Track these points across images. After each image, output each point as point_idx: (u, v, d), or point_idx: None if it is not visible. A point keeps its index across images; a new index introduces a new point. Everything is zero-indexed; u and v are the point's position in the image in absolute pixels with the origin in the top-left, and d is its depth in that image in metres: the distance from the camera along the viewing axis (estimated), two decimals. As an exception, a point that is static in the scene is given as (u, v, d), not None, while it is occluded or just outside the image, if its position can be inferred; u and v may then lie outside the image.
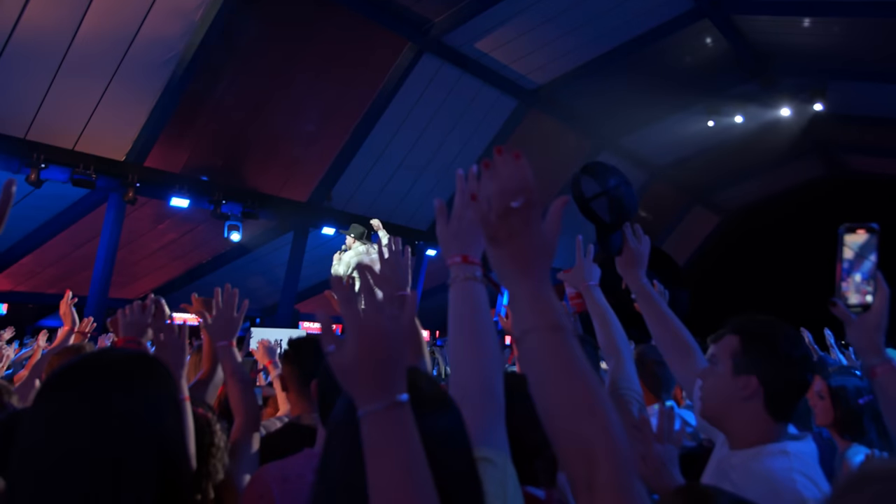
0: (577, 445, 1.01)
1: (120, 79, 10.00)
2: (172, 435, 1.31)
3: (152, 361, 1.39)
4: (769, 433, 1.82)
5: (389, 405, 1.02)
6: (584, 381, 1.05)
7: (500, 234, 1.14)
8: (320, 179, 13.59)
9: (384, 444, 1.01)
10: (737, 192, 22.46)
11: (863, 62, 13.85)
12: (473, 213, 1.49)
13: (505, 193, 1.14)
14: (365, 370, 1.03)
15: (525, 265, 1.13)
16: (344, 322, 1.06)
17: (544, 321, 1.09)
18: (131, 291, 14.83)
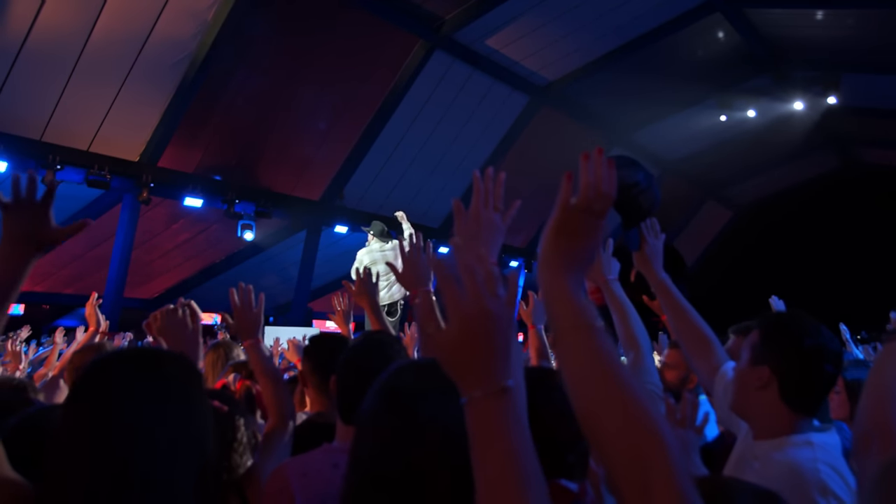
0: (626, 449, 0.98)
1: (133, 80, 10.06)
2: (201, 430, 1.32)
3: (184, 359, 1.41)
4: (792, 424, 1.83)
5: (496, 391, 0.99)
6: (626, 381, 1.04)
7: (570, 226, 1.15)
8: (332, 178, 13.62)
9: (491, 431, 0.97)
10: (750, 187, 22.34)
11: (877, 54, 13.74)
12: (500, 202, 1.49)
13: (594, 190, 1.14)
14: (469, 354, 1.00)
15: (573, 264, 1.15)
16: (445, 303, 1.02)
17: (583, 319, 1.09)
18: (146, 291, 14.93)
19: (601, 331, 1.08)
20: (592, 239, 1.15)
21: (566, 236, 1.15)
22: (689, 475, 0.96)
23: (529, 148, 15.32)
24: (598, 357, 1.06)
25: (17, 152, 9.66)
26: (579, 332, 1.08)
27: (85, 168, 10.20)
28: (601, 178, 1.14)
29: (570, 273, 1.14)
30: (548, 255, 1.16)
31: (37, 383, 3.67)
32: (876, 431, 1.52)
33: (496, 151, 15.08)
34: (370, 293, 2.85)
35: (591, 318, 1.09)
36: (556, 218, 1.15)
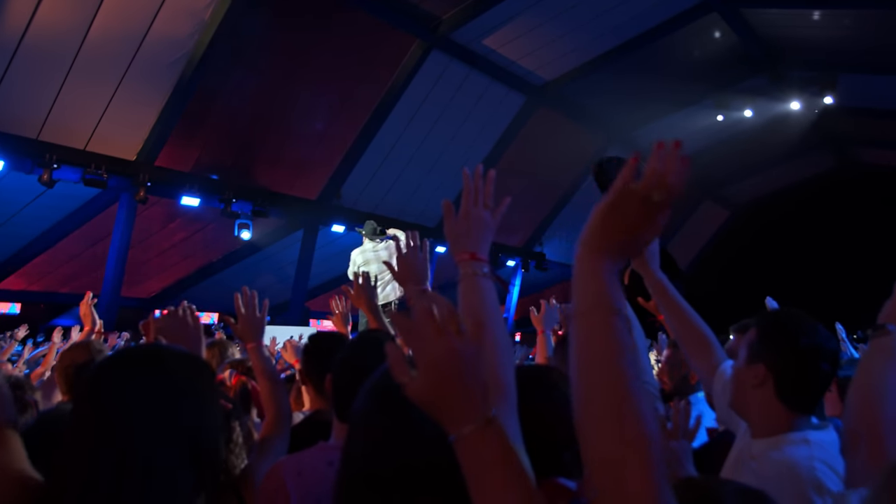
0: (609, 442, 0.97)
1: (130, 79, 10.05)
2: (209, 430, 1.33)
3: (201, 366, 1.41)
4: (789, 422, 1.83)
5: (480, 425, 1.00)
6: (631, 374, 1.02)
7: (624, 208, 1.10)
8: (330, 177, 13.62)
9: (483, 464, 0.99)
10: (746, 186, 22.38)
11: (874, 54, 13.77)
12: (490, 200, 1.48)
13: (658, 178, 1.09)
14: (445, 398, 1.01)
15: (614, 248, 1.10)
16: (412, 352, 1.03)
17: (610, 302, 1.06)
18: (143, 290, 14.92)
19: (622, 317, 1.05)
20: (643, 228, 1.09)
21: (617, 217, 1.09)
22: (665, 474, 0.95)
23: (526, 147, 15.33)
24: (610, 341, 1.03)
25: (13, 151, 9.64)
26: (600, 312, 1.05)
27: (82, 167, 10.18)
28: (671, 170, 1.10)
29: (609, 256, 1.09)
30: (591, 233, 1.11)
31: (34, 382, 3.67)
32: (863, 430, 1.52)
33: (493, 151, 15.08)
34: (369, 296, 2.87)
35: (616, 302, 1.06)
36: (611, 198, 1.10)
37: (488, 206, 1.61)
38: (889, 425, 1.50)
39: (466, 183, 1.57)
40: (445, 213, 1.56)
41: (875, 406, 1.53)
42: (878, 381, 1.56)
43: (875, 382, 1.56)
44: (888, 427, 1.50)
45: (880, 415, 1.52)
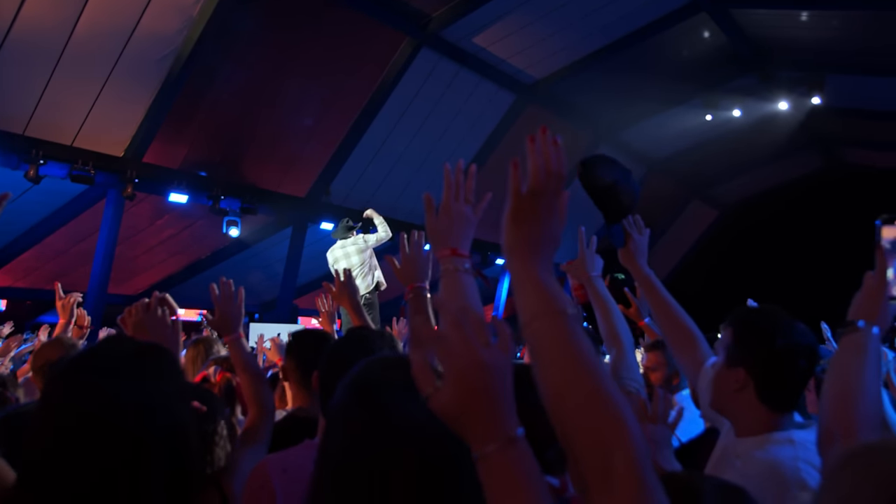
0: (589, 434, 0.97)
1: (118, 74, 9.98)
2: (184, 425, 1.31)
3: (163, 352, 1.40)
4: (772, 422, 1.85)
5: (505, 443, 0.97)
6: (593, 367, 1.03)
7: (527, 211, 1.13)
8: (319, 174, 13.59)
9: (507, 485, 0.95)
10: (735, 186, 22.45)
11: (861, 55, 13.85)
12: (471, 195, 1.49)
13: (544, 171, 1.13)
14: (471, 413, 0.97)
15: (538, 249, 1.13)
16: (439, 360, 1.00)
17: (553, 306, 1.07)
18: (130, 287, 14.84)
19: (573, 317, 1.07)
20: (552, 220, 1.13)
21: (525, 223, 1.13)
22: (650, 463, 0.96)
23: (516, 146, 15.27)
24: (568, 343, 1.04)
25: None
26: (550, 318, 1.06)
27: (69, 163, 10.11)
28: (549, 158, 1.12)
29: (538, 259, 1.12)
30: (511, 245, 1.14)
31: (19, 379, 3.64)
32: (837, 427, 1.54)
33: (483, 149, 15.08)
34: (350, 293, 2.87)
35: (562, 305, 1.07)
36: (510, 206, 1.13)
37: (469, 201, 1.61)
38: (862, 422, 1.52)
39: (447, 178, 1.57)
40: (426, 209, 1.56)
41: (848, 403, 1.55)
42: (850, 377, 1.57)
43: (847, 379, 1.58)
44: (862, 423, 1.52)
45: (854, 411, 1.53)
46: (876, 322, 1.63)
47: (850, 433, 1.51)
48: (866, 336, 1.62)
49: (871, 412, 1.55)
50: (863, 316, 1.63)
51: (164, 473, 1.24)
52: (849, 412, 1.54)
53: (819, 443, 1.60)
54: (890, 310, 1.65)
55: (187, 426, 1.31)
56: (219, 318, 2.42)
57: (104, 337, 6.74)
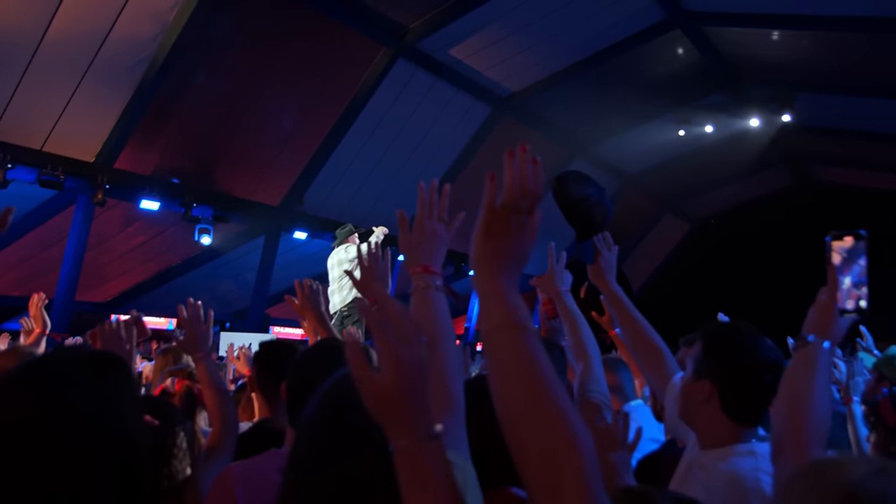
0: (541, 449, 0.99)
1: (90, 79, 9.88)
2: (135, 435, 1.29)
3: (116, 361, 1.37)
4: (735, 435, 1.89)
5: (425, 437, 1.01)
6: (548, 383, 1.04)
7: (498, 226, 1.15)
8: (293, 183, 13.52)
9: (421, 477, 1.00)
10: (707, 201, 22.72)
11: (829, 75, 14.14)
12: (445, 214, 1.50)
13: (518, 188, 1.14)
14: (402, 403, 1.01)
15: (505, 264, 1.15)
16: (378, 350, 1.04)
17: (514, 320, 1.09)
18: (99, 294, 14.65)
19: (532, 332, 1.09)
20: (522, 237, 1.15)
21: (495, 237, 1.15)
22: (601, 483, 0.97)
23: (491, 158, 15.38)
24: (525, 358, 1.06)
25: (-33, 150, 9.43)
26: (510, 331, 1.08)
27: (38, 168, 9.97)
28: (526, 176, 1.14)
29: (503, 273, 1.14)
30: (479, 257, 1.16)
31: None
32: (788, 439, 1.58)
33: (458, 161, 15.11)
34: (313, 304, 2.86)
35: (523, 319, 1.10)
36: (483, 219, 1.15)
37: (443, 219, 1.63)
38: (812, 434, 1.57)
39: (421, 196, 1.59)
40: (400, 225, 1.58)
41: (799, 415, 1.59)
42: (801, 390, 1.62)
43: (798, 392, 1.62)
44: (811, 436, 1.56)
45: (804, 424, 1.57)
46: (827, 336, 1.66)
47: (800, 443, 1.55)
48: (817, 350, 1.65)
49: (820, 424, 1.59)
50: (814, 330, 1.67)
51: (114, 483, 1.22)
52: (799, 423, 1.58)
53: (771, 453, 1.63)
54: (841, 324, 1.69)
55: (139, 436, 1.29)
56: (187, 337, 2.44)
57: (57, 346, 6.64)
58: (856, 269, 1.71)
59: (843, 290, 1.69)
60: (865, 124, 15.76)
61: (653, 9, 12.81)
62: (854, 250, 1.72)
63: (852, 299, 1.70)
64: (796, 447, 1.53)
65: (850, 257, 1.72)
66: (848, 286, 1.71)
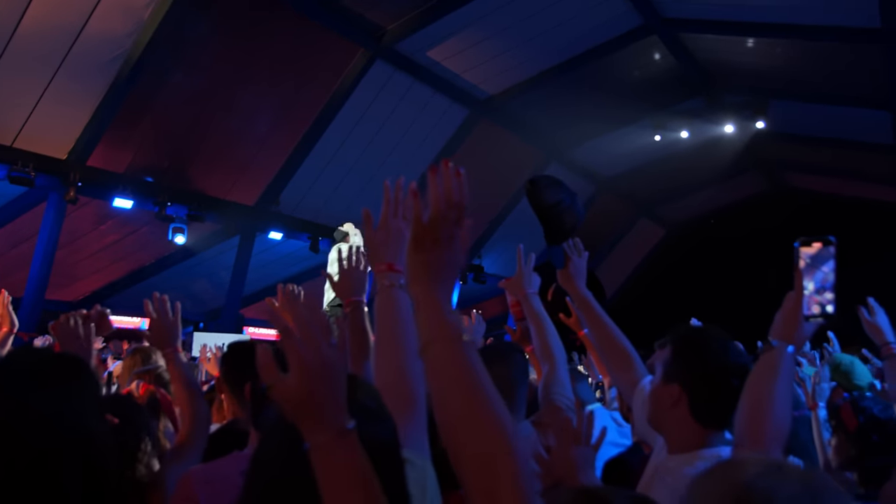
0: (478, 458, 1.01)
1: (63, 75, 9.76)
2: (97, 436, 1.28)
3: (77, 362, 1.36)
4: (703, 439, 1.90)
5: (337, 434, 1.03)
6: (485, 394, 1.06)
7: (428, 239, 1.16)
8: (268, 183, 13.45)
9: (337, 473, 1.02)
10: (682, 206, 22.92)
11: (802, 83, 14.33)
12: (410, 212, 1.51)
13: (444, 201, 1.16)
14: (310, 403, 1.04)
15: (438, 276, 1.17)
16: (286, 354, 1.07)
17: (449, 332, 1.11)
18: (70, 293, 14.46)
19: (468, 344, 1.11)
20: (453, 248, 1.17)
21: (426, 250, 1.17)
22: (535, 488, 1.00)
23: (468, 160, 15.31)
24: (461, 369, 1.08)
25: (-65, 145, 9.28)
26: (445, 343, 1.11)
27: (8, 164, 9.83)
28: (451, 189, 1.17)
29: (437, 285, 1.16)
30: (412, 270, 1.18)
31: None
32: (747, 439, 1.60)
33: (435, 162, 15.03)
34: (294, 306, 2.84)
35: (457, 331, 1.12)
36: (413, 234, 1.18)
37: (407, 218, 1.63)
38: (771, 437, 1.59)
39: (387, 194, 1.59)
40: (364, 223, 1.58)
41: (759, 418, 1.62)
42: (762, 393, 1.64)
43: (760, 395, 1.65)
44: (770, 438, 1.59)
45: (764, 426, 1.60)
46: (791, 341, 1.69)
47: (759, 445, 1.58)
48: (780, 354, 1.68)
49: (780, 426, 1.62)
50: (779, 335, 1.70)
51: (77, 484, 1.21)
52: (758, 425, 1.60)
53: (732, 454, 1.65)
54: (806, 329, 1.71)
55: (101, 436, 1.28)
56: (154, 333, 2.40)
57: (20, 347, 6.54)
58: (819, 275, 1.74)
59: (807, 296, 1.72)
60: (837, 132, 15.99)
61: (630, 14, 12.90)
62: (820, 256, 1.74)
63: (816, 304, 1.72)
64: (755, 448, 1.56)
65: (815, 263, 1.74)
66: (811, 291, 1.73)
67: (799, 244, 1.76)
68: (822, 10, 11.18)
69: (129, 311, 13.77)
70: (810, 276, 1.73)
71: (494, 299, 19.04)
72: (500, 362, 2.42)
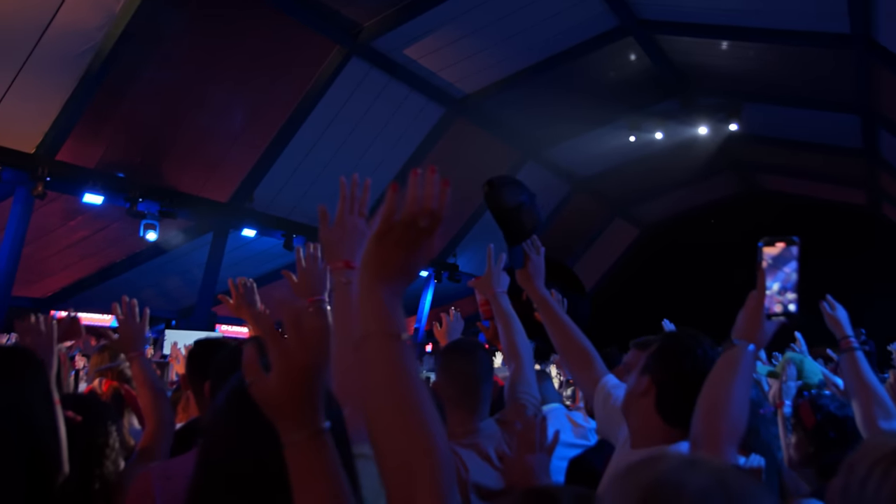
0: (398, 461, 1.02)
1: (31, 68, 9.59)
2: (43, 430, 1.26)
3: (25, 355, 1.34)
4: (665, 435, 1.92)
5: (313, 433, 1.06)
6: (413, 393, 1.06)
7: (392, 238, 1.15)
8: (242, 180, 13.34)
9: (311, 471, 1.05)
10: (656, 206, 23.12)
11: (775, 87, 14.50)
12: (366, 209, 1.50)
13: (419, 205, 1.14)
14: (291, 402, 1.06)
15: (390, 273, 1.15)
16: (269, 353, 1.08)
17: (388, 328, 1.11)
18: (39, 290, 14.27)
19: (404, 343, 1.10)
20: (415, 254, 1.16)
21: (386, 246, 1.15)
22: (455, 495, 1.00)
23: (444, 159, 15.39)
24: (393, 367, 1.08)
25: None
26: (383, 339, 1.10)
27: (-28, 158, 9.67)
28: (430, 196, 1.15)
29: (387, 282, 1.15)
30: (367, 260, 1.17)
31: None
32: (703, 439, 1.62)
33: (410, 161, 15.09)
34: (248, 304, 2.82)
35: (397, 328, 1.11)
36: (378, 227, 1.16)
37: (363, 214, 1.63)
38: (727, 435, 1.61)
39: (343, 190, 1.59)
40: (320, 220, 1.57)
41: (716, 416, 1.63)
42: (721, 391, 1.66)
43: (719, 393, 1.66)
44: (726, 436, 1.61)
45: (720, 424, 1.62)
46: (752, 340, 1.71)
47: (714, 442, 1.60)
48: (741, 353, 1.69)
49: (736, 424, 1.64)
50: (741, 334, 1.71)
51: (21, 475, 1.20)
52: (716, 424, 1.62)
53: (690, 451, 1.67)
54: (768, 328, 1.72)
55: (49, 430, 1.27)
56: (121, 336, 2.40)
57: None
58: (782, 275, 1.75)
59: (770, 295, 1.73)
60: (808, 136, 16.22)
61: (606, 16, 12.98)
62: (783, 256, 1.75)
63: (778, 304, 1.73)
64: (710, 446, 1.58)
65: (778, 263, 1.76)
66: (774, 291, 1.74)
67: (763, 244, 1.77)
68: (794, 15, 11.31)
69: (100, 308, 13.59)
70: (773, 276, 1.75)
71: (469, 298, 19.06)
72: (464, 359, 2.43)
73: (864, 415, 2.42)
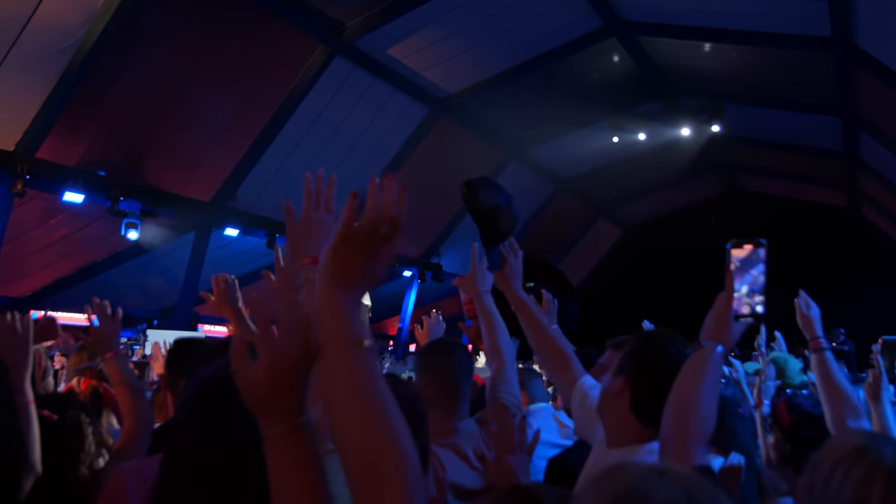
0: (366, 464, 1.01)
1: (11, 64, 9.49)
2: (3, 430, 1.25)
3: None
4: (640, 434, 1.94)
5: (295, 427, 1.06)
6: (377, 398, 1.06)
7: (351, 245, 1.15)
8: (225, 179, 13.26)
9: (291, 464, 1.05)
10: (639, 207, 23.23)
11: (757, 89, 14.62)
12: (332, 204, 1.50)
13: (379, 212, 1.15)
14: (275, 395, 1.06)
15: (350, 280, 1.15)
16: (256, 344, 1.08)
17: (349, 334, 1.10)
18: (17, 289, 14.12)
19: (367, 349, 1.10)
20: (376, 260, 1.16)
21: (347, 253, 1.16)
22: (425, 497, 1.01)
23: (428, 159, 15.40)
24: (356, 372, 1.08)
25: None
26: (344, 345, 1.10)
27: (-50, 155, 9.56)
28: (389, 203, 1.16)
29: (347, 288, 1.15)
30: (327, 267, 1.17)
31: None
32: (671, 438, 1.62)
33: (394, 161, 15.08)
34: (230, 301, 2.81)
35: (358, 334, 1.11)
36: (338, 234, 1.17)
37: (330, 210, 1.63)
38: (695, 435, 1.62)
39: (307, 186, 1.59)
40: (286, 217, 1.57)
41: (684, 416, 1.64)
42: (689, 392, 1.67)
43: (687, 393, 1.67)
44: (694, 437, 1.62)
45: (688, 424, 1.63)
46: (721, 341, 1.73)
47: (683, 443, 1.61)
48: (709, 354, 1.70)
49: (705, 425, 1.64)
50: (710, 335, 1.72)
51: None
52: (684, 424, 1.63)
53: (660, 451, 1.68)
54: (735, 329, 1.74)
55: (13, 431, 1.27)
56: (95, 336, 2.39)
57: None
58: (748, 277, 1.77)
59: (738, 297, 1.74)
60: (790, 137, 16.36)
61: (590, 17, 13.03)
62: (750, 259, 1.77)
63: (745, 306, 1.75)
64: (679, 447, 1.59)
65: (745, 266, 1.78)
66: (742, 293, 1.76)
67: (730, 246, 1.79)
68: (776, 17, 11.41)
69: (80, 307, 13.45)
70: (741, 279, 1.76)
71: (453, 298, 19.07)
72: (443, 359, 2.43)
73: (834, 415, 2.45)
